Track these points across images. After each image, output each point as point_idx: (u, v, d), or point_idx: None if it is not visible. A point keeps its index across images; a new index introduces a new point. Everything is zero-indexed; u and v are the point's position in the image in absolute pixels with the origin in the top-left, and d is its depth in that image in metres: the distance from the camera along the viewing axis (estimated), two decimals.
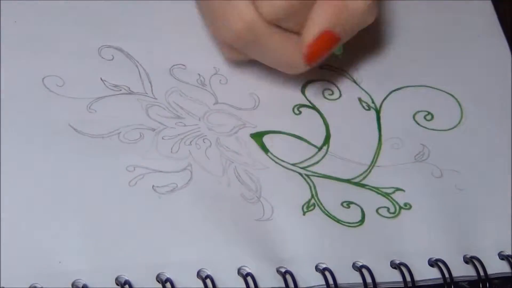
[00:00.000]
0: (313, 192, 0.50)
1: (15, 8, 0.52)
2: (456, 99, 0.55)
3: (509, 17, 0.60)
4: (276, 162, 0.50)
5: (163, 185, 0.48)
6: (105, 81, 0.51)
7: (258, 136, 0.51)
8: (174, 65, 0.53)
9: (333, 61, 0.54)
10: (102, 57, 0.52)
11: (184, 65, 0.53)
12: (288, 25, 0.48)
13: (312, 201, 0.49)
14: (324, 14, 0.47)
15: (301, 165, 0.51)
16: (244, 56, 0.51)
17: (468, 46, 0.58)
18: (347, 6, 0.47)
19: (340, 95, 0.54)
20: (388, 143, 0.53)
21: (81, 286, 0.44)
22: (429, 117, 0.54)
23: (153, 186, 0.48)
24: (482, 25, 0.59)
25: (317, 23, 0.47)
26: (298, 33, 0.48)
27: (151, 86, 0.51)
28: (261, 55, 0.50)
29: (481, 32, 0.59)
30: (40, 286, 0.43)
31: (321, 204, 0.49)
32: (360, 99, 0.54)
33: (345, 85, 0.55)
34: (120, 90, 0.51)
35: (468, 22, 0.59)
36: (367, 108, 0.54)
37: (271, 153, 0.51)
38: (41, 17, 0.52)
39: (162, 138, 0.50)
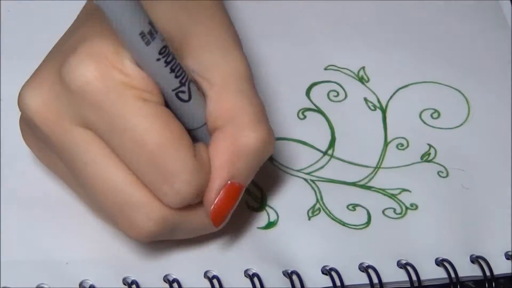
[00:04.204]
0: (318, 197, 0.50)
1: (16, 7, 0.53)
2: (463, 94, 0.55)
3: None
4: (280, 169, 0.50)
5: None
6: None
7: None
8: None
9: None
10: None
11: None
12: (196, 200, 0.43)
13: (317, 205, 0.49)
14: (219, 167, 0.42)
15: (306, 171, 0.51)
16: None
17: (474, 42, 0.58)
18: (239, 149, 0.42)
19: (346, 96, 0.54)
20: (394, 144, 0.53)
21: (88, 286, 0.44)
22: (435, 115, 0.54)
23: None
24: (488, 21, 0.59)
25: (215, 178, 0.42)
26: None
27: None
28: (179, 235, 0.44)
29: (488, 27, 0.59)
30: (47, 286, 0.43)
31: (326, 208, 0.49)
32: (366, 99, 0.54)
33: (350, 84, 0.55)
34: None
35: (475, 18, 0.59)
36: (373, 108, 0.54)
37: (276, 161, 0.51)
38: (48, 17, 0.53)
39: None
